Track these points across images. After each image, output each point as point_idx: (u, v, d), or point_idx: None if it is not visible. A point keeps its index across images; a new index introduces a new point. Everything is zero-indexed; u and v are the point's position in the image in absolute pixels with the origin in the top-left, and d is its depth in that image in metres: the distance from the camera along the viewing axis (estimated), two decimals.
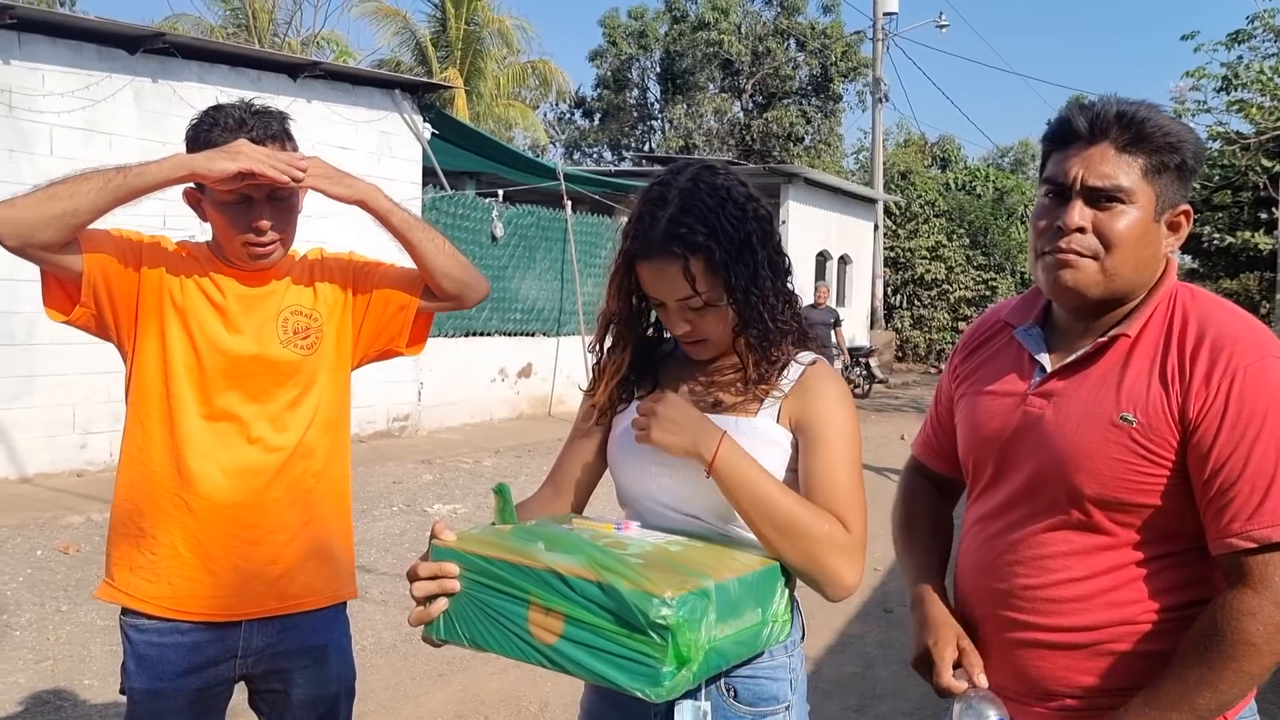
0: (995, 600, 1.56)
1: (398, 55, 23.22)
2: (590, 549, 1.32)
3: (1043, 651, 1.51)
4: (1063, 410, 1.47)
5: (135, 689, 1.90)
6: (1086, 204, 1.44)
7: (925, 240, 23.55)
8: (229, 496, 1.91)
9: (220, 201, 1.86)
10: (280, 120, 1.92)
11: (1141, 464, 1.40)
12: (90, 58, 7.79)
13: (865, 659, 4.61)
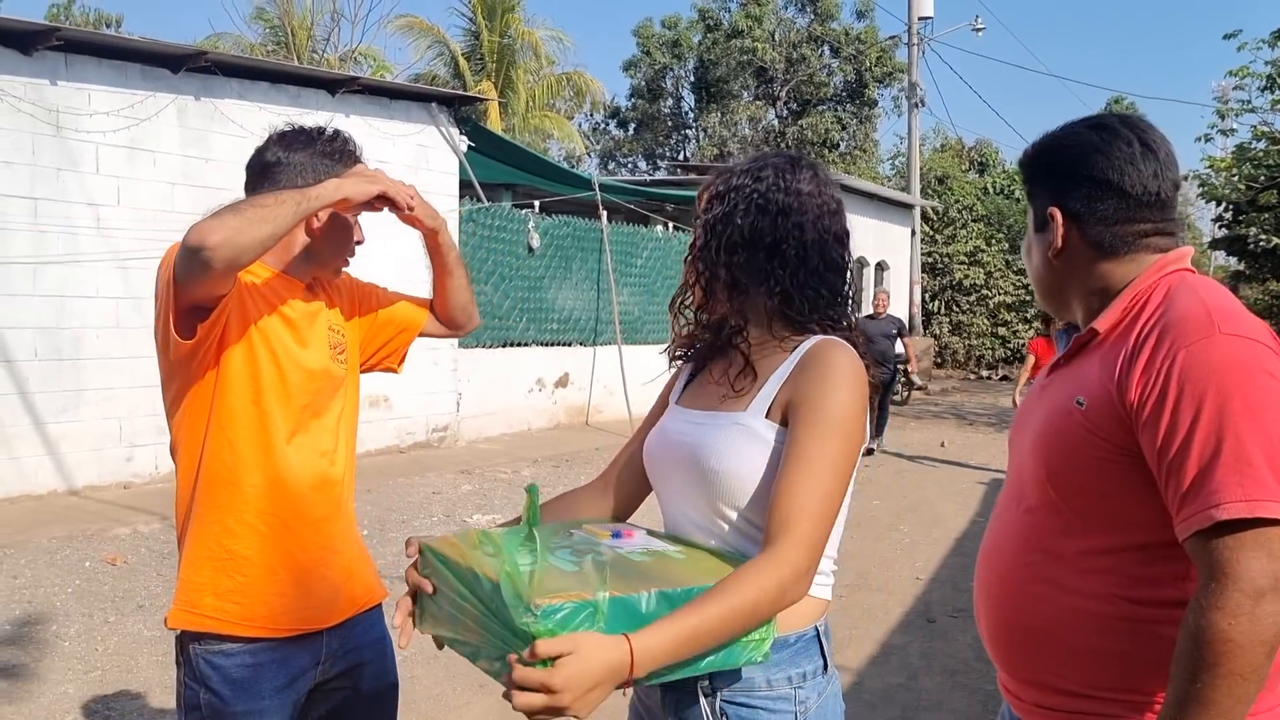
0: (984, 585, 1.60)
1: (433, 69, 23.43)
2: (520, 551, 1.31)
3: (1015, 639, 1.52)
4: (1044, 401, 1.54)
5: (237, 712, 1.88)
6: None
7: (963, 245, 23.34)
8: (319, 511, 1.97)
9: (335, 220, 1.99)
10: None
11: (1092, 447, 1.39)
12: (135, 77, 7.93)
13: (909, 669, 4.56)
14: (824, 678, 1.48)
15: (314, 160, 1.97)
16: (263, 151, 1.99)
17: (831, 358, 1.46)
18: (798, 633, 1.46)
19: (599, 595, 1.21)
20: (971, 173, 28.69)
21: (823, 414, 1.41)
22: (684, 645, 1.25)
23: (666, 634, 1.23)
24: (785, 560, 1.32)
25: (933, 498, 8.72)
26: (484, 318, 11.16)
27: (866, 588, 5.91)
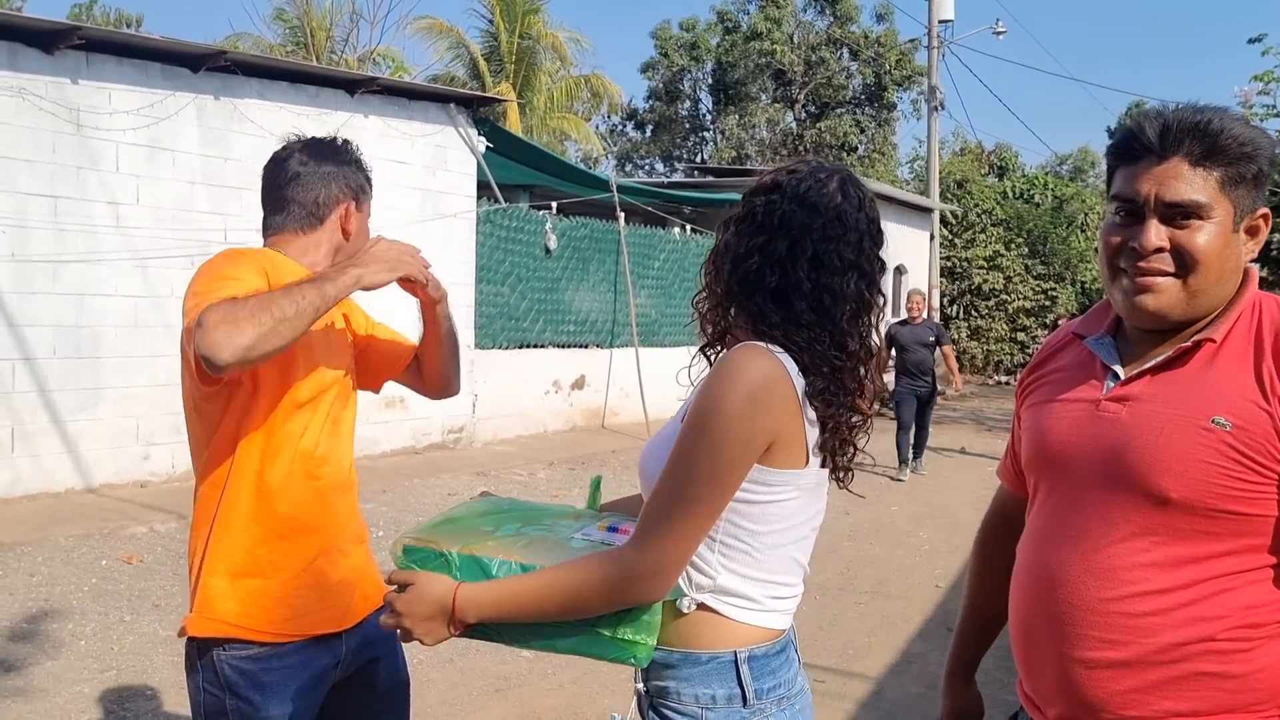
0: (1058, 615, 1.46)
1: (451, 70, 23.47)
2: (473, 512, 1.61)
3: (1112, 671, 1.41)
4: (1143, 414, 1.40)
5: (268, 717, 1.89)
6: (1162, 221, 1.40)
7: (982, 250, 23.19)
8: (341, 515, 2.02)
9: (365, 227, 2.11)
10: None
11: (1237, 469, 1.32)
12: (155, 76, 7.95)
13: (929, 679, 4.49)
14: (743, 710, 1.42)
15: (341, 169, 2.06)
16: (285, 160, 2.04)
17: (726, 358, 1.40)
18: (709, 653, 1.42)
19: (453, 550, 1.44)
20: (991, 177, 28.53)
21: (692, 414, 1.38)
22: (503, 603, 1.39)
23: (488, 589, 1.40)
24: (621, 558, 1.36)
25: (952, 504, 8.64)
26: (500, 319, 11.18)
27: (886, 595, 5.85)
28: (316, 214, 2.03)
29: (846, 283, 1.44)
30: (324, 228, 2.05)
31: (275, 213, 2.04)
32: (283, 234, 2.03)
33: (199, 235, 8.13)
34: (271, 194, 2.05)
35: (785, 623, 1.49)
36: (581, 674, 4.36)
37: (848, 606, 5.59)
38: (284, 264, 1.96)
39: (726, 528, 1.42)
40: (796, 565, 1.49)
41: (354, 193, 2.08)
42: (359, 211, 2.10)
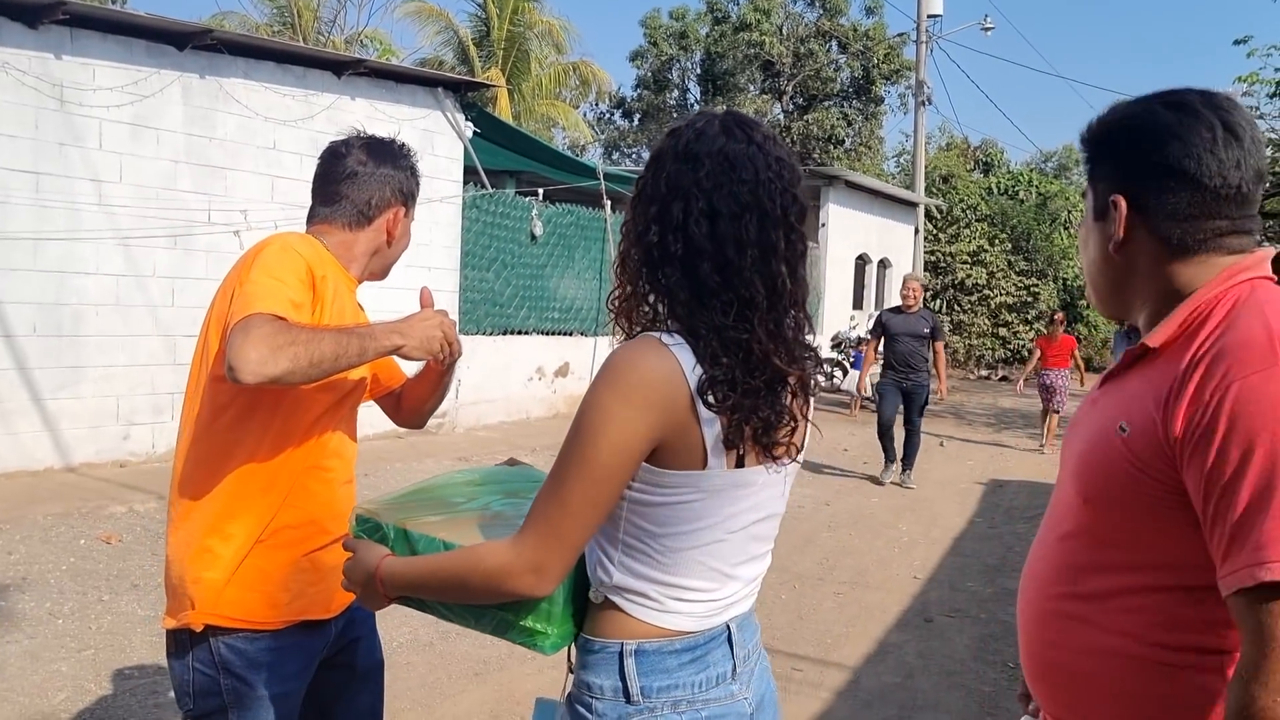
0: (1021, 614, 1.50)
1: (440, 55, 23.34)
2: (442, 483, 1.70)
3: (1046, 674, 1.43)
4: (1091, 419, 1.41)
5: (264, 696, 1.90)
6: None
7: (966, 245, 23.30)
8: (346, 507, 2.02)
9: (406, 232, 2.16)
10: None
11: (1132, 479, 1.27)
12: (140, 54, 7.88)
13: (905, 669, 4.54)
14: (626, 705, 1.38)
15: (397, 174, 2.09)
16: (344, 156, 2.06)
17: (612, 355, 1.35)
18: (600, 641, 1.41)
19: (389, 523, 1.54)
20: (976, 172, 28.66)
21: (577, 413, 1.35)
22: (414, 581, 1.44)
23: (404, 566, 1.46)
24: (503, 550, 1.35)
25: (932, 497, 8.70)
26: (485, 305, 11.16)
27: (864, 585, 5.89)
28: (366, 214, 2.06)
29: (746, 227, 1.33)
30: (370, 228, 2.07)
31: (325, 205, 2.06)
32: (329, 225, 2.05)
33: (182, 215, 8.07)
34: (324, 186, 2.06)
35: (692, 624, 1.40)
36: (560, 658, 4.37)
37: (826, 597, 5.63)
38: (327, 261, 1.98)
39: (628, 526, 1.38)
40: (710, 570, 1.40)
41: (405, 198, 2.11)
42: (406, 217, 2.14)
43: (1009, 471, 10.52)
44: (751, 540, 1.45)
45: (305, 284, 1.86)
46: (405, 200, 2.11)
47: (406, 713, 3.84)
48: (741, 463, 1.37)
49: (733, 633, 1.45)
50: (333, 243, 2.04)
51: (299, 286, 1.83)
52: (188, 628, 1.88)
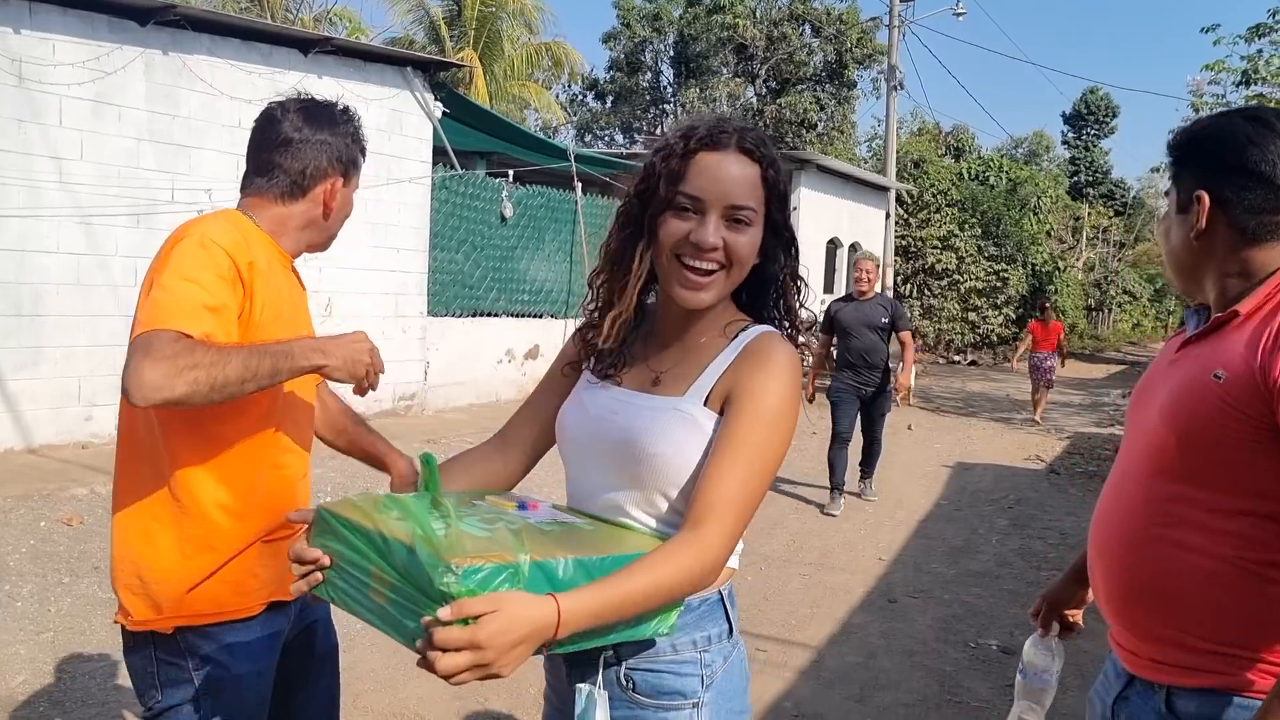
0: (1104, 545, 1.67)
1: (410, 34, 23.12)
2: (430, 516, 1.27)
3: (1139, 596, 1.60)
4: (1178, 373, 1.61)
5: (239, 675, 1.85)
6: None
7: (937, 230, 23.42)
8: (304, 497, 2.00)
9: (347, 202, 2.05)
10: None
11: (1227, 419, 1.46)
12: (101, 29, 7.74)
13: (868, 649, 4.58)
14: (729, 642, 1.50)
15: (336, 140, 1.98)
16: (278, 122, 1.94)
17: (772, 349, 1.46)
18: (701, 597, 1.46)
19: (520, 558, 1.20)
20: (947, 157, 28.78)
21: (757, 405, 1.41)
22: (608, 612, 1.26)
23: (594, 599, 1.24)
24: (708, 545, 1.34)
25: (898, 480, 8.77)
26: (454, 287, 11.09)
27: (829, 567, 5.94)
28: (301, 185, 1.95)
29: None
30: (306, 200, 1.97)
31: (257, 174, 1.95)
32: (261, 198, 1.95)
33: (145, 194, 7.96)
34: (258, 154, 1.96)
35: (739, 561, 1.55)
36: None
37: (791, 578, 5.67)
38: (257, 242, 1.88)
39: None
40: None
41: (344, 167, 2.00)
42: (346, 187, 2.02)
43: (975, 455, 10.62)
44: None
45: (227, 280, 1.75)
46: (345, 169, 2.00)
47: (370, 694, 3.83)
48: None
49: None
50: (265, 218, 1.94)
51: (218, 285, 1.73)
52: (168, 630, 1.82)
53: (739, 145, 1.47)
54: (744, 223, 1.46)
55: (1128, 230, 42.23)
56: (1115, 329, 41.49)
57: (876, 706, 3.97)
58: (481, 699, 3.84)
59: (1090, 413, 15.37)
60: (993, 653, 4.59)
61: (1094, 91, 43.54)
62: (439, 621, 1.13)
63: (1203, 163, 1.62)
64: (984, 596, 5.46)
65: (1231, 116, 1.63)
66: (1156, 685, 1.57)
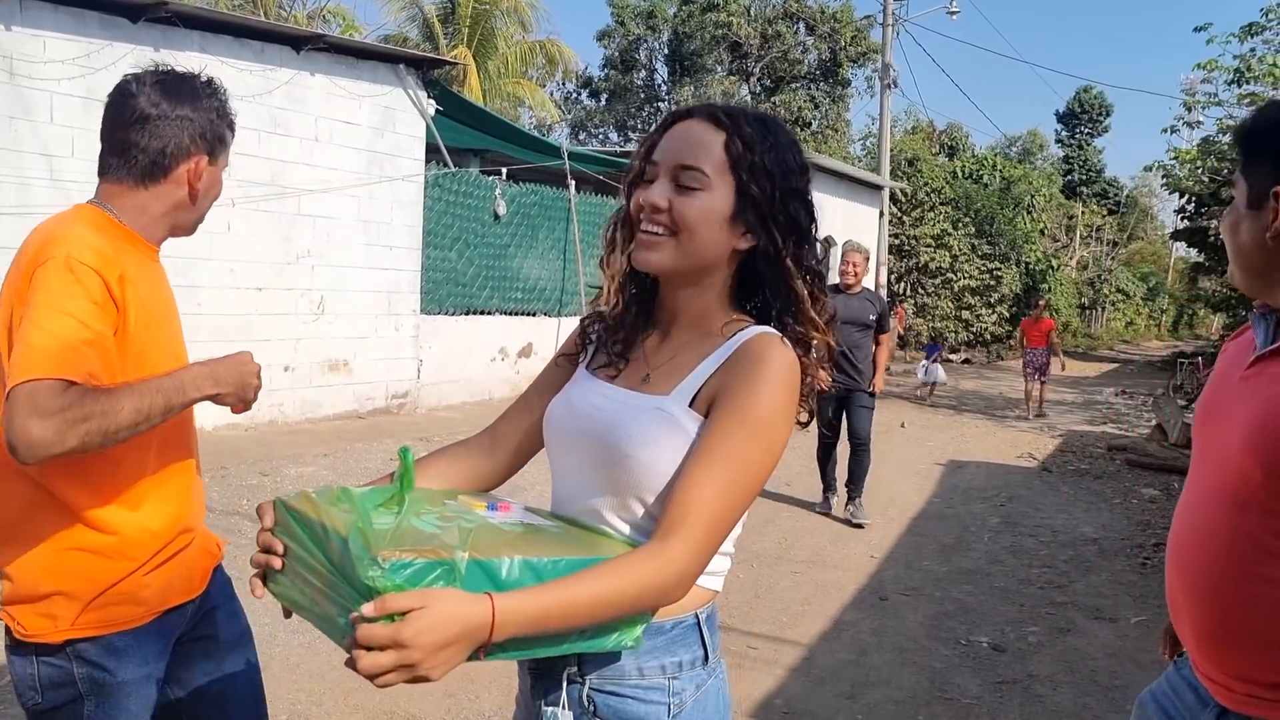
0: (1188, 582, 1.55)
1: (404, 31, 23.10)
2: (379, 510, 1.23)
3: (1229, 636, 1.49)
4: (1256, 394, 1.46)
5: (125, 681, 1.77)
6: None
7: (931, 228, 23.46)
8: (197, 496, 1.95)
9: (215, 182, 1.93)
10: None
11: None
12: (92, 25, 7.72)
13: (859, 646, 4.59)
14: (704, 669, 1.38)
15: (200, 116, 1.83)
16: (135, 97, 1.79)
17: (766, 353, 1.34)
18: (675, 619, 1.35)
19: (457, 555, 1.13)
20: (941, 156, 28.81)
21: (743, 412, 1.30)
22: (550, 618, 1.16)
23: (534, 601, 1.15)
24: (672, 558, 1.24)
25: (891, 477, 8.78)
26: (447, 285, 11.09)
27: (821, 564, 5.94)
28: (161, 165, 1.81)
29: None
30: (167, 182, 1.83)
31: (114, 154, 1.81)
32: (119, 184, 1.81)
33: None
34: (112, 132, 1.81)
35: (721, 582, 1.45)
36: None
37: (783, 575, 5.67)
38: (122, 242, 1.77)
39: None
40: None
41: (209, 144, 1.85)
42: (212, 166, 1.87)
43: (968, 453, 10.64)
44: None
45: (100, 305, 1.65)
46: (211, 147, 1.85)
47: (360, 692, 3.83)
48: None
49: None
50: (124, 208, 1.81)
51: (92, 314, 1.63)
52: (60, 643, 1.73)
53: (707, 113, 1.41)
54: (691, 186, 1.37)
55: (1121, 229, 42.35)
56: (1108, 327, 41.60)
57: (867, 703, 3.97)
58: (473, 696, 3.84)
59: (1083, 410, 15.41)
60: (983, 650, 4.60)
61: (1088, 90, 43.62)
62: (364, 618, 1.06)
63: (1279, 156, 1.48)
64: (975, 594, 5.47)
65: None
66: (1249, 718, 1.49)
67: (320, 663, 4.07)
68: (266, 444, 8.37)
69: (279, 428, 9.10)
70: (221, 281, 8.69)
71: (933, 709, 3.96)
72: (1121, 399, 17.35)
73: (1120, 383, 21.05)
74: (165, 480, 1.84)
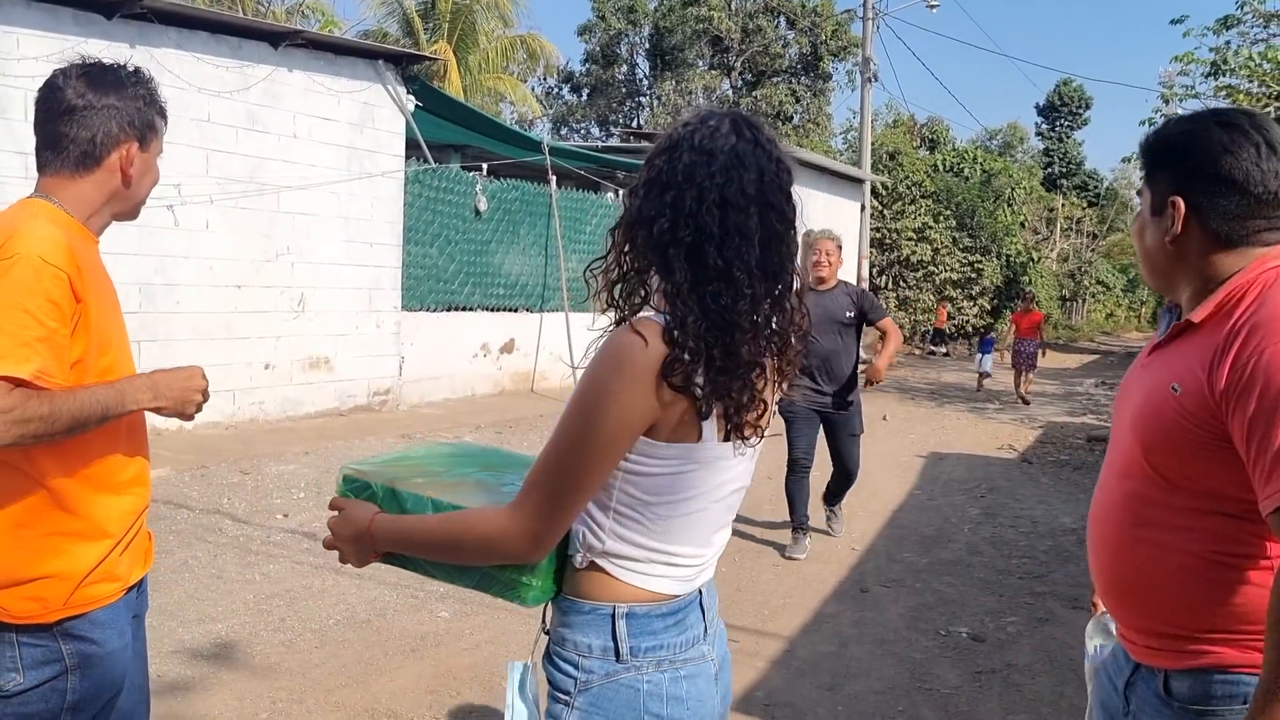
0: (1095, 547, 1.77)
1: (384, 26, 22.99)
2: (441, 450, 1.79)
3: (1126, 593, 1.70)
4: (1144, 381, 1.69)
5: (112, 651, 1.86)
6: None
7: (912, 221, 23.55)
8: (147, 477, 2.00)
9: (150, 168, 1.96)
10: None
11: (1186, 431, 1.55)
12: (66, 22, 7.66)
13: (840, 638, 4.62)
14: (615, 664, 1.47)
15: (126, 104, 1.88)
16: (61, 89, 1.85)
17: (610, 337, 1.44)
18: (590, 604, 1.48)
19: (377, 482, 1.59)
20: (922, 149, 28.91)
21: (574, 391, 1.43)
22: (405, 539, 1.52)
23: (396, 523, 1.52)
24: (502, 516, 1.43)
25: (871, 469, 8.80)
26: (428, 281, 11.06)
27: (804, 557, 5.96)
28: (93, 154, 1.86)
29: (750, 218, 1.44)
30: (101, 170, 1.88)
31: (47, 148, 1.86)
32: (57, 176, 1.87)
33: None
34: (44, 126, 1.86)
35: (677, 589, 1.50)
36: (498, 634, 4.39)
37: (765, 568, 5.69)
38: (76, 236, 1.81)
39: (620, 495, 1.45)
40: (695, 536, 1.50)
41: (138, 131, 1.90)
42: (144, 152, 1.92)
43: (949, 444, 10.69)
44: (726, 510, 1.56)
45: (57, 302, 1.70)
46: (140, 133, 1.90)
47: (343, 689, 3.83)
48: (728, 437, 1.46)
49: (704, 596, 1.57)
50: (67, 199, 1.86)
51: (48, 311, 1.69)
52: (52, 622, 1.80)
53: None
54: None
55: (1101, 221, 42.60)
56: (1089, 319, 41.87)
57: (847, 695, 4.00)
58: (454, 693, 3.84)
59: (1063, 402, 15.51)
60: (963, 640, 4.64)
61: (1067, 83, 43.87)
62: (330, 507, 1.62)
63: (1178, 168, 1.64)
64: (955, 585, 5.51)
65: (1205, 121, 1.64)
66: (1155, 670, 1.67)
67: (301, 661, 4.06)
68: (247, 442, 8.33)
69: (260, 426, 9.06)
70: (200, 279, 8.64)
71: (913, 699, 3.99)
72: (1102, 390, 17.48)
73: (1101, 374, 21.20)
74: (131, 461, 1.92)
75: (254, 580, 5.04)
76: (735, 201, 1.43)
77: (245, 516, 6.22)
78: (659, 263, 1.46)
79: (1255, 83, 13.10)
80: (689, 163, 1.45)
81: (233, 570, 5.17)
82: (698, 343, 1.39)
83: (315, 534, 5.85)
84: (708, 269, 1.42)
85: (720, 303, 1.41)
